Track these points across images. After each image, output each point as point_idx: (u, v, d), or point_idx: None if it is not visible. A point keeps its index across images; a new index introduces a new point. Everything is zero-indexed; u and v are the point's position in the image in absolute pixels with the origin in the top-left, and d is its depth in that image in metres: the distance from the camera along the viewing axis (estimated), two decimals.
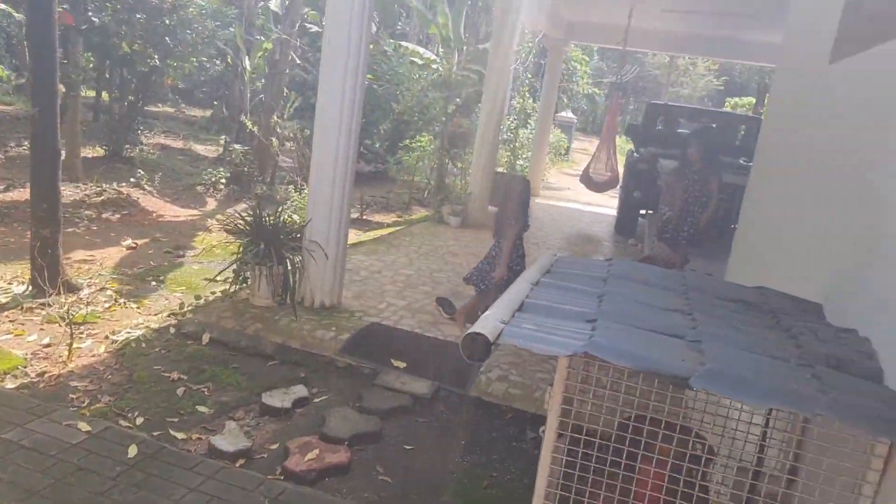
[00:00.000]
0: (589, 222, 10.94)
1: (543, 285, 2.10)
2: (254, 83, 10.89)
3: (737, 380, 1.50)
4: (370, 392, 3.85)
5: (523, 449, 3.56)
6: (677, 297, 2.12)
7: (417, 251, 7.01)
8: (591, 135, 32.43)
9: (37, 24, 4.48)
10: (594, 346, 1.56)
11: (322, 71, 4.58)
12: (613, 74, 31.13)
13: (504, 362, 4.33)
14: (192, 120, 16.06)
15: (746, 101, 26.68)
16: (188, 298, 4.95)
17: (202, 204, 8.61)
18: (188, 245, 6.67)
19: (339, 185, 4.63)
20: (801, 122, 3.36)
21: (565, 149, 22.11)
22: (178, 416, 3.46)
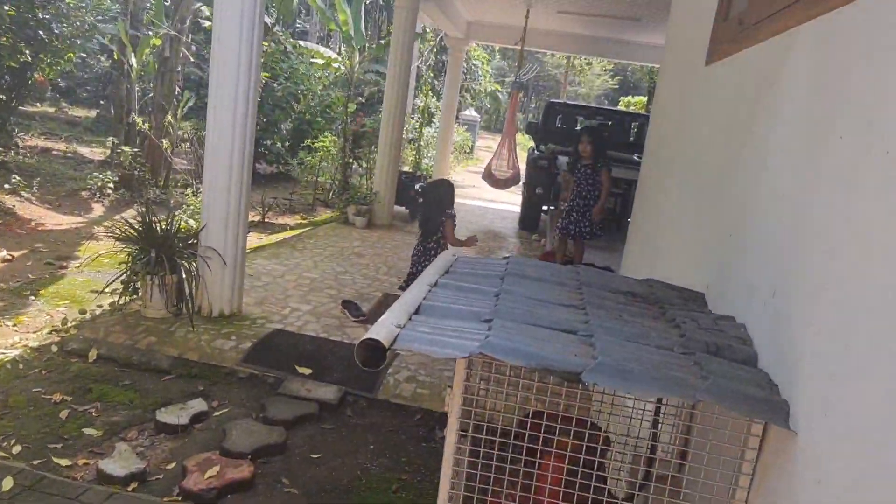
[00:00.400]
0: (493, 219, 11.13)
1: (441, 286, 2.10)
2: (144, 81, 10.29)
3: (624, 372, 1.55)
4: (274, 402, 3.72)
5: (433, 449, 3.56)
6: (571, 293, 2.18)
7: (322, 253, 6.87)
8: (495, 132, 33.08)
9: None
10: (488, 346, 1.57)
11: (213, 68, 4.38)
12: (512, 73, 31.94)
13: (412, 363, 4.31)
14: (75, 120, 14.94)
15: (639, 100, 28.09)
16: (72, 313, 4.60)
17: (88, 210, 8.02)
18: (72, 255, 6.20)
19: (235, 186, 4.45)
20: (680, 120, 3.56)
21: (469, 147, 22.45)
22: (61, 442, 3.21)
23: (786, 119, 1.93)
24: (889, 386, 1.11)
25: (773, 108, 2.06)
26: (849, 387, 1.26)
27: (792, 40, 1.97)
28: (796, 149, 1.80)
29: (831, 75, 1.63)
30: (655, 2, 7.88)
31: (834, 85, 1.60)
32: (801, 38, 1.90)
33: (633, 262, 4.11)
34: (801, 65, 1.88)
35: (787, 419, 1.49)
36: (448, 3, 10.50)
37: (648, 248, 3.84)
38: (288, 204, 9.49)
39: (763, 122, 2.14)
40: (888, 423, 1.09)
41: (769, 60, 2.19)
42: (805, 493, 1.34)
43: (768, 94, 2.14)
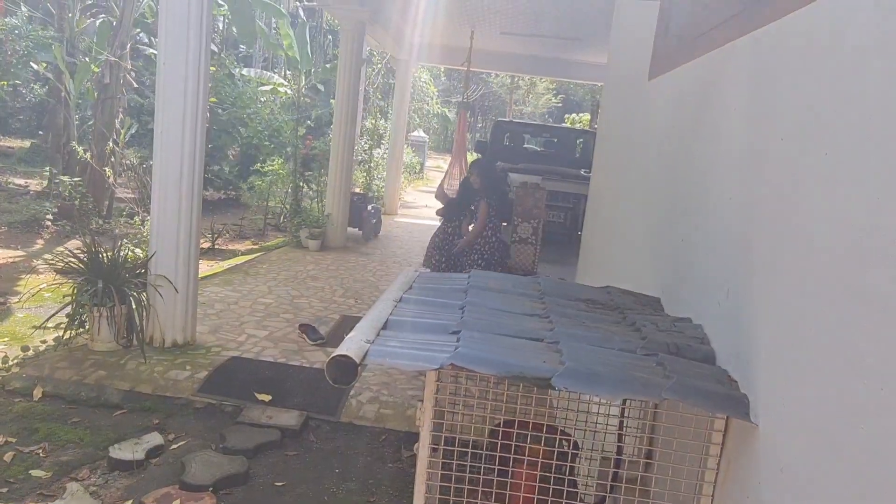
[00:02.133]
0: None
1: (406, 301, 2.10)
2: (82, 109, 9.99)
3: (592, 375, 1.59)
4: (234, 431, 3.62)
5: (400, 469, 3.53)
6: (533, 302, 2.22)
7: (276, 278, 6.77)
8: (443, 152, 33.36)
9: None
10: (459, 357, 1.58)
11: (159, 93, 4.30)
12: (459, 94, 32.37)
13: (374, 383, 4.28)
14: (8, 151, 14.34)
15: (583, 118, 28.87)
16: (13, 350, 4.39)
17: (27, 244, 7.69)
18: (11, 290, 5.91)
19: (185, 212, 4.36)
20: (627, 133, 3.69)
21: (419, 167, 22.57)
22: (6, 486, 3.04)
23: (728, 127, 2.03)
24: (840, 373, 1.17)
25: (715, 117, 2.17)
26: (804, 377, 1.32)
27: (729, 53, 2.09)
28: (739, 154, 1.89)
29: (767, 84, 1.73)
30: (594, 22, 8.15)
31: (770, 92, 1.70)
32: (737, 50, 2.01)
33: (588, 273, 4.20)
34: (739, 75, 1.98)
35: (747, 412, 1.55)
36: (393, 25, 10.61)
37: (602, 257, 3.94)
38: (238, 229, 9.32)
39: (707, 131, 2.25)
40: (840, 410, 1.16)
41: (709, 72, 2.31)
42: (769, 480, 1.39)
43: (710, 104, 2.24)
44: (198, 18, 4.19)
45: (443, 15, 9.39)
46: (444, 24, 10.27)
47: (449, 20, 9.68)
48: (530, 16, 8.84)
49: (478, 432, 1.89)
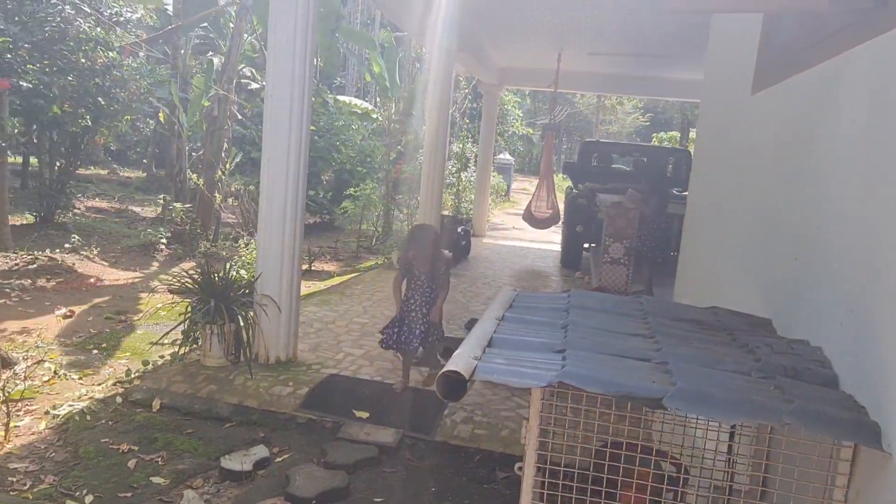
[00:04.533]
0: (535, 258, 11.13)
1: (508, 320, 2.12)
2: (192, 140, 10.77)
3: (706, 397, 1.55)
4: (334, 446, 3.74)
5: (495, 490, 3.51)
6: (637, 322, 2.18)
7: (370, 298, 6.96)
8: (528, 175, 33.30)
9: None
10: (567, 375, 1.58)
11: (266, 123, 4.58)
12: (546, 115, 32.30)
13: (468, 403, 4.29)
14: (126, 181, 15.65)
15: (671, 136, 28.07)
16: (135, 364, 4.74)
17: (143, 266, 8.33)
18: (131, 309, 6.41)
19: (288, 236, 4.59)
20: (728, 150, 3.57)
21: (505, 190, 22.63)
22: (130, 491, 3.27)
23: (845, 141, 1.94)
24: None
25: (830, 131, 2.07)
26: None
27: (846, 63, 1.99)
28: (861, 168, 1.80)
29: (891, 93, 1.64)
30: (687, 38, 7.96)
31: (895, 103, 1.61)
32: (855, 59, 1.92)
33: (687, 294, 4.06)
34: (857, 86, 1.89)
35: (879, 440, 1.46)
36: (482, 51, 10.78)
37: (703, 278, 3.80)
38: (333, 252, 9.68)
39: (821, 145, 2.15)
40: None
41: (822, 84, 2.21)
42: None
43: (824, 116, 2.15)
44: (302, 52, 4.44)
45: (531, 39, 9.46)
46: (531, 48, 10.34)
47: (536, 43, 9.74)
48: (619, 35, 8.76)
49: (580, 454, 1.87)
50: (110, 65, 8.22)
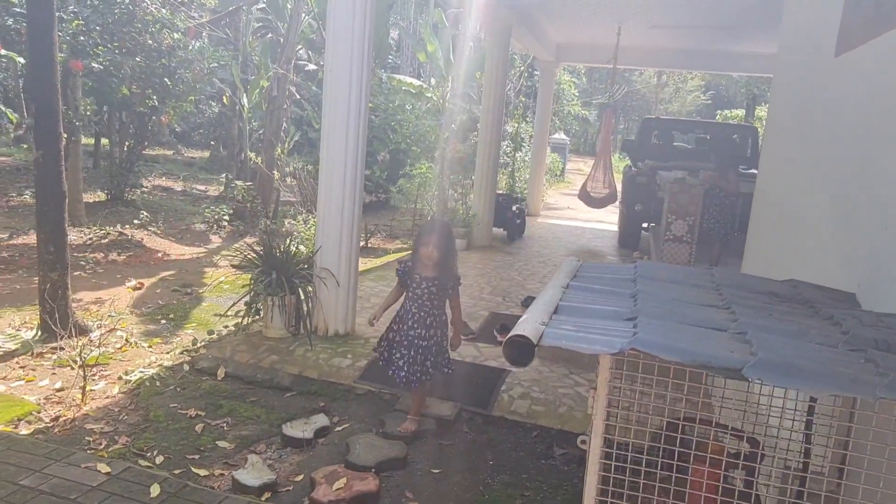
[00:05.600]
0: (591, 238, 10.95)
1: (574, 288, 2.06)
2: (251, 121, 10.99)
3: (790, 368, 1.46)
4: (392, 417, 3.77)
5: (553, 466, 3.48)
6: (710, 293, 2.09)
7: None
8: (583, 155, 32.70)
9: (39, 70, 4.50)
10: (640, 342, 1.52)
11: (325, 101, 4.61)
12: (602, 94, 31.56)
13: (525, 379, 4.26)
14: (190, 161, 16.16)
15: (736, 114, 27.00)
16: (200, 334, 4.90)
17: (207, 241, 8.59)
18: (196, 282, 6.63)
19: (347, 211, 4.62)
20: (807, 118, 3.37)
21: (560, 169, 22.27)
22: (198, 453, 3.39)
23: None
24: None
25: None
26: None
27: None
28: None
29: None
30: (757, 5, 7.57)
31: None
32: None
33: (756, 271, 3.89)
34: None
35: None
36: (538, 26, 10.56)
37: (776, 254, 3.63)
38: (389, 230, 9.75)
39: None
40: None
41: None
42: None
43: None
44: (360, 29, 4.43)
45: (589, 12, 9.20)
46: (589, 22, 10.06)
47: (595, 17, 9.46)
48: (683, 6, 8.40)
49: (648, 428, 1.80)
50: (175, 46, 8.46)
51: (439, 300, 3.55)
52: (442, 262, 3.45)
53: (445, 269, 3.49)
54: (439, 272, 3.49)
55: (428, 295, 3.50)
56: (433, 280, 3.48)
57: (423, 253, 3.42)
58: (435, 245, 3.41)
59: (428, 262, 3.45)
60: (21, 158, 12.76)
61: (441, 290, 3.52)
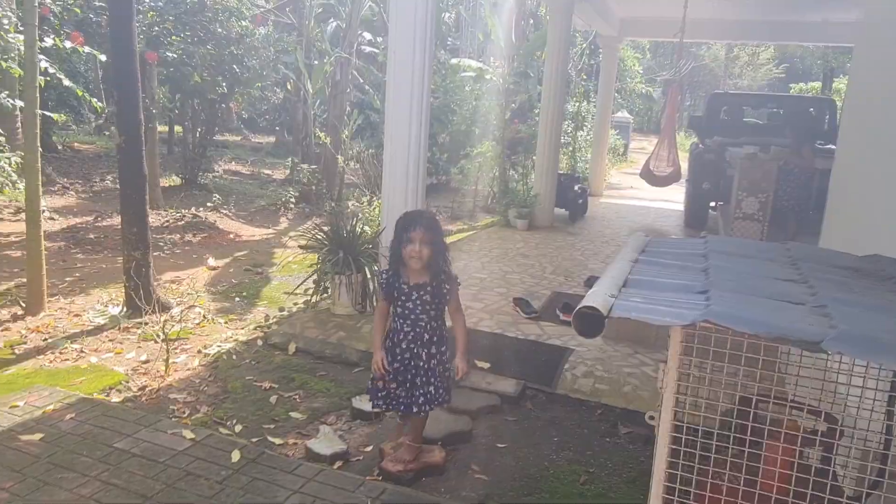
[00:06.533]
0: (655, 217, 10.71)
1: (642, 263, 2.05)
2: (315, 105, 11.23)
3: (871, 341, 1.42)
4: (457, 393, 3.82)
5: (618, 444, 3.48)
6: (786, 268, 2.03)
7: (488, 255, 7.02)
8: (647, 134, 31.82)
9: (120, 60, 4.74)
10: (713, 314, 1.51)
11: (389, 83, 4.67)
12: (666, 71, 30.50)
13: (589, 358, 4.25)
14: (257, 146, 16.68)
15: (813, 87, 25.63)
16: (272, 311, 5.09)
17: (275, 223, 8.89)
18: (266, 262, 6.88)
19: (411, 191, 4.69)
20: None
21: (623, 149, 21.76)
22: (273, 423, 3.55)
23: None
24: None
25: None
26: None
27: None
28: None
29: None
30: None
31: None
32: None
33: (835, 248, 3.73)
34: None
35: None
36: (601, 1, 10.31)
37: (858, 231, 3.47)
38: (450, 211, 9.82)
39: None
40: None
41: None
42: None
43: None
44: (423, 9, 4.46)
45: None
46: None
47: None
48: None
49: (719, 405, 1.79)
50: (243, 34, 8.71)
51: (436, 310, 2.91)
52: (433, 262, 2.80)
53: (438, 269, 2.84)
54: (431, 275, 2.84)
55: (421, 307, 2.85)
56: (425, 286, 2.84)
57: (408, 253, 2.76)
58: (421, 240, 2.75)
59: (415, 263, 2.78)
60: (102, 146, 13.47)
61: (436, 298, 2.88)
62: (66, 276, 5.92)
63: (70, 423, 3.28)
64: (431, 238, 2.78)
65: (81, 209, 8.75)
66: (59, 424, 3.27)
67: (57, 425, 3.26)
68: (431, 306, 2.88)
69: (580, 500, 2.97)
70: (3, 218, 7.91)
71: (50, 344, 4.39)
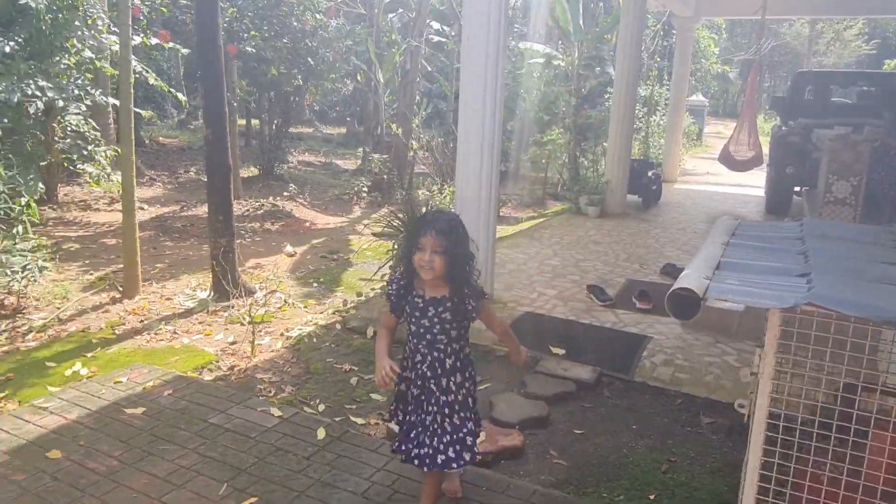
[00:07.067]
0: (734, 203, 10.31)
1: (735, 246, 2.01)
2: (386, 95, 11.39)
3: None
4: (533, 378, 3.86)
5: (700, 434, 3.40)
6: (891, 251, 1.94)
7: (560, 242, 6.96)
8: (723, 117, 30.58)
9: (206, 56, 4.96)
10: (817, 296, 1.47)
11: (463, 70, 4.69)
12: (743, 51, 29.14)
13: (668, 346, 4.17)
14: (328, 137, 17.08)
15: None
16: (350, 296, 5.24)
17: (348, 212, 9.11)
18: (342, 249, 7.07)
19: (485, 178, 4.70)
20: None
21: (697, 133, 21.00)
22: (355, 404, 3.66)
23: None
24: None
25: None
26: None
27: None
28: None
29: None
30: None
31: None
32: None
33: None
34: None
35: None
36: None
37: None
38: (518, 199, 9.78)
39: None
40: None
41: None
42: None
43: None
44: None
45: None
46: None
47: None
48: None
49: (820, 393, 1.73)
50: (317, 26, 8.93)
51: (458, 330, 2.38)
52: (452, 273, 2.27)
53: (460, 282, 2.30)
54: (452, 288, 2.31)
55: (440, 325, 2.34)
56: (443, 302, 2.33)
57: (417, 262, 2.27)
58: (433, 248, 2.22)
59: (426, 274, 2.26)
60: (185, 140, 14.13)
61: (458, 316, 2.35)
62: (156, 263, 6.27)
63: (168, 399, 3.50)
64: (446, 245, 2.21)
65: (168, 199, 9.23)
66: (159, 399, 3.49)
67: (157, 400, 3.48)
68: (452, 326, 2.35)
69: (662, 488, 2.93)
70: (99, 208, 8.44)
71: (146, 325, 4.67)
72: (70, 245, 6.69)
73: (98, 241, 6.99)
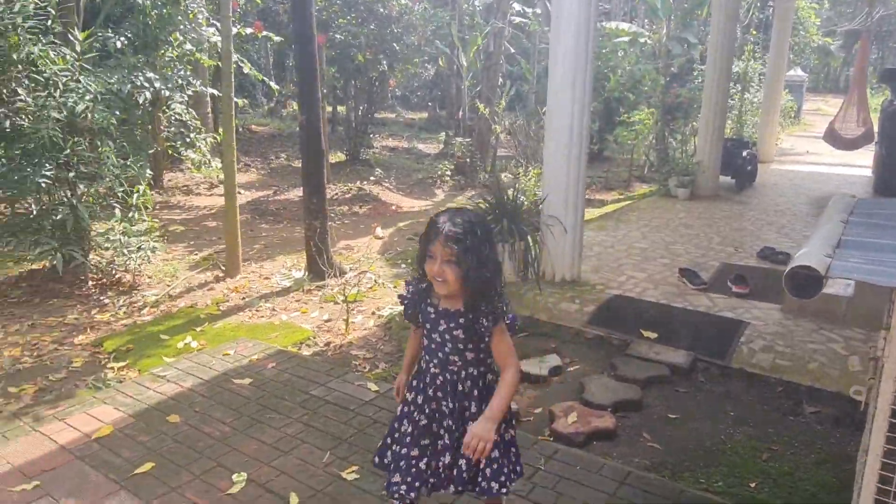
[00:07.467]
0: (838, 184, 9.68)
1: (855, 224, 1.91)
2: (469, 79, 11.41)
3: None
4: (624, 361, 3.81)
5: (803, 423, 3.27)
6: None
7: (648, 224, 6.79)
8: (823, 92, 28.67)
9: (301, 43, 5.14)
10: None
11: (552, 50, 4.64)
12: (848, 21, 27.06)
13: (768, 332, 4.01)
14: (411, 122, 17.30)
15: None
16: None
17: (432, 195, 9.23)
18: None
19: (574, 159, 4.66)
20: None
21: (795, 110, 19.79)
22: None
23: None
24: None
25: None
26: None
27: None
28: None
29: None
30: None
31: None
32: None
33: None
34: None
35: None
36: None
37: None
38: (604, 181, 9.59)
39: None
40: None
41: None
42: None
43: None
44: None
45: None
46: None
47: None
48: None
49: None
50: (403, 11, 9.03)
51: (474, 352, 1.94)
52: (470, 285, 1.85)
53: (477, 296, 1.87)
54: (469, 302, 1.90)
55: (452, 344, 1.93)
56: (456, 317, 1.92)
57: (430, 272, 1.88)
58: (444, 258, 1.83)
59: (440, 287, 1.88)
60: (276, 127, 14.69)
61: (472, 335, 1.92)
62: (253, 244, 6.60)
63: (272, 372, 3.70)
64: (460, 254, 1.81)
65: (262, 184, 9.65)
66: (263, 372, 3.70)
67: (261, 372, 3.69)
68: (465, 346, 1.92)
69: (763, 476, 2.84)
70: (200, 193, 8.95)
71: (247, 302, 4.94)
72: (175, 227, 7.14)
73: (200, 223, 7.43)
